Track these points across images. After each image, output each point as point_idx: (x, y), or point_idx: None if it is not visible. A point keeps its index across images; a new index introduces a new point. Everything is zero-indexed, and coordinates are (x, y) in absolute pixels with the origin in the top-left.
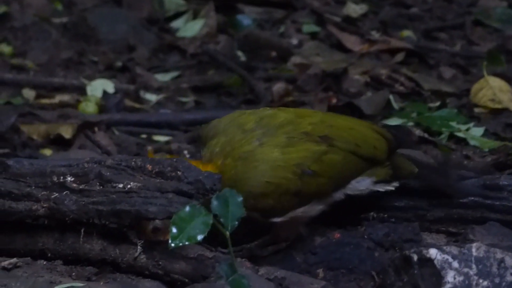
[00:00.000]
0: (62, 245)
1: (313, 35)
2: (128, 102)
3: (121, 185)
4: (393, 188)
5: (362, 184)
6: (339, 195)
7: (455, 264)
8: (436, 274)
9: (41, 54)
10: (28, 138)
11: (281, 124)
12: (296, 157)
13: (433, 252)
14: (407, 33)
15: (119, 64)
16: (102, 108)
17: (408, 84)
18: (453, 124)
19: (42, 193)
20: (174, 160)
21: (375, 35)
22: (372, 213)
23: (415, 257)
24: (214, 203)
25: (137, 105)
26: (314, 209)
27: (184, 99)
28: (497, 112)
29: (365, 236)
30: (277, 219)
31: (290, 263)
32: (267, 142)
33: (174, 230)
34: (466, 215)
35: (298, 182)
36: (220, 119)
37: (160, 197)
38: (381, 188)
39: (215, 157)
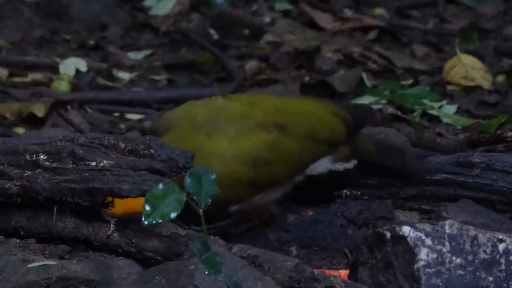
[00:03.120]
0: (35, 223)
1: (286, 13)
2: (101, 81)
3: (94, 163)
4: (351, 166)
5: (320, 164)
6: (298, 178)
7: (428, 241)
8: (409, 252)
9: (13, 32)
10: (1, 117)
11: (231, 117)
12: (247, 146)
13: (406, 230)
14: (379, 10)
15: (91, 42)
16: (75, 86)
17: (380, 62)
18: (426, 101)
19: (15, 171)
20: (147, 138)
21: (348, 13)
22: (345, 191)
23: (388, 235)
24: (188, 180)
25: (109, 84)
26: (274, 194)
27: (156, 77)
28: (469, 90)
29: (338, 214)
30: (233, 208)
31: (263, 241)
32: (215, 135)
33: (147, 207)
34: (439, 192)
35: (250, 172)
36: (172, 111)
37: (133, 175)
38: (340, 166)
39: None
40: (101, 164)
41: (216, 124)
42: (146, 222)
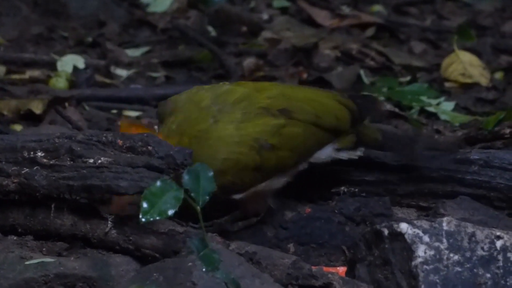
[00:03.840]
0: (32, 221)
1: (284, 10)
2: (99, 78)
3: (91, 160)
4: (356, 157)
5: (324, 153)
6: (302, 166)
7: (426, 238)
8: (407, 249)
9: (11, 29)
10: None
11: (237, 100)
12: (253, 131)
13: (404, 227)
14: (377, 7)
15: (89, 39)
16: (73, 83)
17: (378, 59)
18: (424, 98)
19: (13, 168)
20: (145, 135)
21: (346, 10)
22: (342, 188)
23: (386, 232)
24: (185, 177)
25: (107, 81)
26: (278, 182)
27: (154, 74)
28: (467, 87)
29: (336, 211)
30: (238, 196)
31: (261, 238)
32: (222, 119)
33: (145, 205)
34: (436, 189)
35: (256, 157)
36: (178, 95)
37: (131, 172)
38: (344, 156)
39: (171, 135)
40: (99, 161)
41: (223, 108)
42: (143, 219)
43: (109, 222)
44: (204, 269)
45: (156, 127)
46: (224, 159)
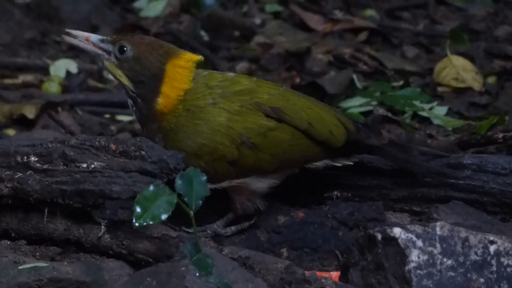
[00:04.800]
0: (26, 225)
1: (276, 15)
2: (92, 82)
3: (85, 165)
4: (352, 163)
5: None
6: (293, 171)
7: (419, 243)
8: (400, 253)
9: (4, 34)
10: None
11: (239, 92)
12: (241, 126)
13: (397, 231)
14: (370, 12)
15: None
16: (66, 88)
17: (371, 63)
18: (417, 103)
19: (6, 173)
20: (138, 139)
21: (338, 14)
22: (336, 192)
23: (379, 236)
24: (178, 182)
25: (100, 85)
26: (259, 183)
27: None
28: (460, 91)
29: (329, 215)
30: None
31: (254, 243)
32: (219, 104)
33: (138, 209)
34: (429, 194)
35: (235, 151)
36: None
37: (124, 176)
38: (339, 163)
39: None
40: (92, 165)
41: (225, 93)
42: (137, 224)
43: (102, 226)
44: (197, 274)
45: None
46: (201, 144)
